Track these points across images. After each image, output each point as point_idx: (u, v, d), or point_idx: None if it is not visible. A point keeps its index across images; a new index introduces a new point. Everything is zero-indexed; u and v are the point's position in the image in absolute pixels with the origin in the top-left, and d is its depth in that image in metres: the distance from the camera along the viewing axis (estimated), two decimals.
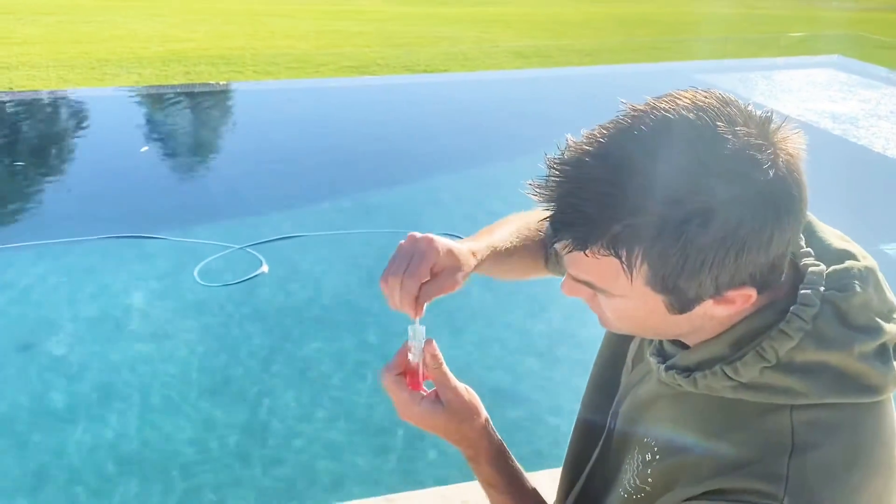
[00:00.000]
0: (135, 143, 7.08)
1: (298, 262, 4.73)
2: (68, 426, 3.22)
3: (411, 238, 0.95)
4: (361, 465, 3.04)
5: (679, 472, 0.86)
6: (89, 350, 3.76)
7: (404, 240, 0.95)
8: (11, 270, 4.58)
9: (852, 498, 0.78)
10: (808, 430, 0.78)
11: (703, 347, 0.86)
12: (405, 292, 0.91)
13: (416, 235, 0.95)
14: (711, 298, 0.78)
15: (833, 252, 0.86)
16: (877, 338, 0.80)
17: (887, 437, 0.82)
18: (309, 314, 4.18)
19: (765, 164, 0.71)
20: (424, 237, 0.94)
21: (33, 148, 7.30)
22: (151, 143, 7.40)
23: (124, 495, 2.85)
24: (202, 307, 4.18)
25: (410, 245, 0.94)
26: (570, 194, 0.74)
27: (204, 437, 3.18)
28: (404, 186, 6.15)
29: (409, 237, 0.95)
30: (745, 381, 0.81)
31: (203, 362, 3.70)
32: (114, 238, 4.91)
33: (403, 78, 9.78)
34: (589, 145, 0.75)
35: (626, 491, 0.96)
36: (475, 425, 0.98)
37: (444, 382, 0.97)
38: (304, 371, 3.66)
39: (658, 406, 0.94)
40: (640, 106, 0.75)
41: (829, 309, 0.80)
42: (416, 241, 0.94)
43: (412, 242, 0.94)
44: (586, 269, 0.79)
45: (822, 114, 8.13)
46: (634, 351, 1.06)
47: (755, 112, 0.75)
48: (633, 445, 0.97)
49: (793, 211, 0.74)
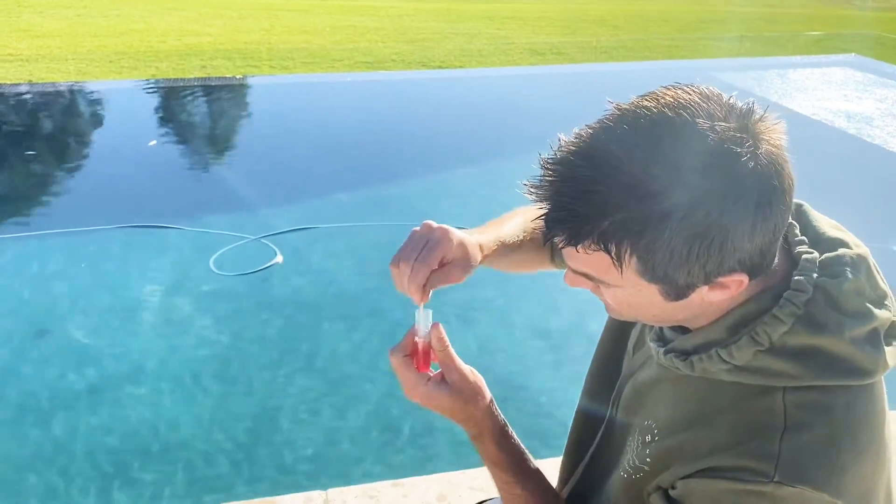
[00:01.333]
0: (152, 136, 7.16)
1: (312, 254, 4.77)
2: (83, 410, 3.27)
3: (427, 226, 0.96)
4: (371, 450, 3.08)
5: (676, 451, 0.88)
6: (106, 336, 3.82)
7: (419, 226, 0.97)
8: (29, 258, 4.65)
9: (841, 477, 0.80)
10: (800, 412, 0.81)
11: (700, 332, 0.89)
12: (414, 278, 0.93)
13: (432, 224, 0.97)
14: (704, 285, 0.80)
15: (826, 240, 0.89)
16: (867, 323, 0.83)
17: (877, 419, 0.84)
18: (322, 304, 4.23)
19: (744, 156, 0.74)
20: (440, 227, 0.96)
21: (52, 139, 7.39)
22: (168, 135, 7.47)
23: (132, 480, 2.90)
24: (218, 295, 4.24)
25: (425, 233, 0.96)
26: (559, 193, 0.77)
27: (217, 422, 3.23)
28: (418, 180, 6.18)
29: (424, 225, 0.97)
30: (739, 364, 0.84)
31: (219, 348, 3.76)
32: (131, 227, 4.98)
33: (418, 73, 9.81)
34: (576, 145, 0.78)
35: (625, 471, 0.99)
36: (479, 405, 1.00)
37: (450, 364, 0.99)
38: (316, 358, 3.70)
39: (658, 389, 0.97)
40: (624, 105, 0.78)
41: (821, 295, 0.83)
42: (431, 230, 0.96)
43: (427, 230, 0.96)
44: (581, 262, 0.83)
45: (837, 113, 8.10)
46: (636, 337, 1.09)
47: (737, 105, 0.77)
48: (633, 428, 1.00)
49: (774, 200, 0.76)
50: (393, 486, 2.37)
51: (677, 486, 0.86)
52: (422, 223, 0.98)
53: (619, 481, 1.00)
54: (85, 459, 3.00)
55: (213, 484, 2.89)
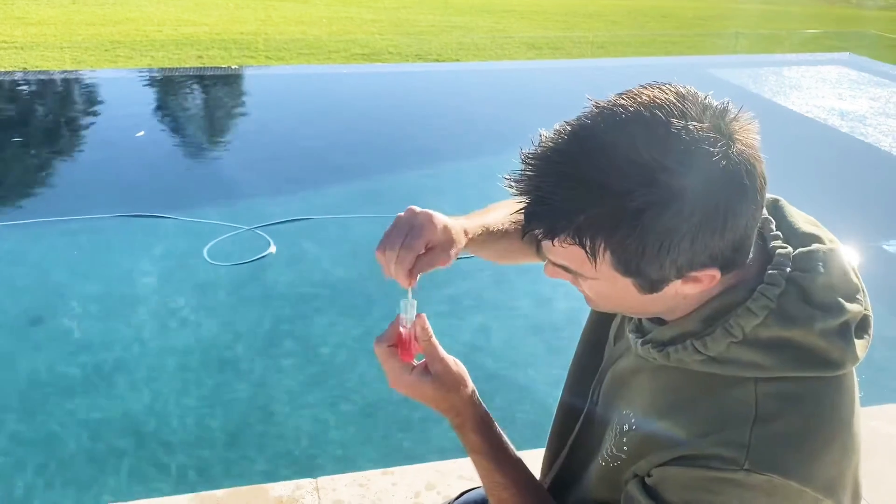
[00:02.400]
0: (147, 125, 7.15)
1: (306, 244, 4.79)
2: (77, 398, 3.29)
3: (410, 211, 0.98)
4: (359, 439, 3.11)
5: (652, 440, 0.91)
6: (100, 325, 3.83)
7: (402, 212, 0.99)
8: (24, 246, 4.66)
9: (810, 465, 0.82)
10: (771, 402, 0.83)
11: (676, 324, 0.91)
12: (400, 263, 0.94)
13: (416, 209, 0.98)
14: (677, 279, 0.83)
15: (801, 235, 0.91)
16: (839, 316, 0.85)
17: (846, 410, 0.87)
18: (315, 293, 4.24)
19: (715, 155, 0.76)
20: (424, 212, 0.98)
21: (46, 127, 7.38)
22: (163, 124, 7.46)
23: (123, 467, 2.92)
24: (212, 285, 4.26)
25: (409, 217, 0.97)
26: (537, 188, 0.80)
27: (209, 411, 3.25)
28: (411, 172, 6.19)
29: (408, 210, 0.98)
30: (713, 354, 0.87)
31: (213, 336, 3.78)
32: (124, 217, 4.98)
33: (415, 66, 9.81)
34: (554, 141, 0.80)
35: (604, 460, 1.01)
36: (462, 395, 1.03)
37: (434, 354, 1.01)
38: (309, 348, 3.73)
39: (636, 380, 1.00)
40: (602, 102, 0.81)
41: (793, 288, 0.85)
42: (415, 215, 0.97)
43: (411, 215, 0.97)
44: (559, 255, 0.86)
45: (831, 111, 8.12)
46: (616, 328, 1.12)
47: (712, 104, 0.80)
48: (612, 417, 1.03)
49: (745, 198, 0.79)
50: (382, 474, 2.40)
51: (653, 474, 0.89)
52: (406, 209, 0.99)
53: (598, 469, 1.03)
54: (77, 446, 3.01)
55: (204, 471, 2.91)
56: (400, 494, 2.31)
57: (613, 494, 0.98)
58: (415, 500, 2.28)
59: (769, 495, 0.81)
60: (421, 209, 0.98)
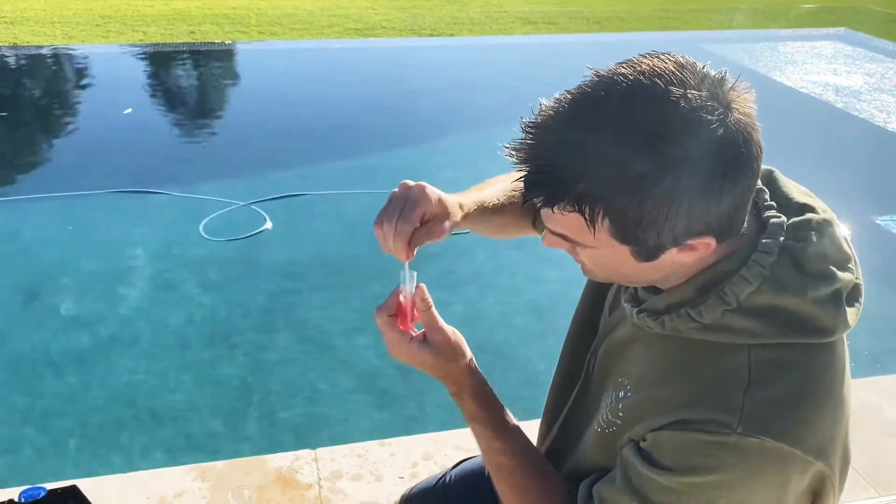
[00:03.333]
0: (138, 101, 7.11)
1: (301, 220, 4.79)
2: (72, 373, 3.31)
3: (404, 186, 0.99)
4: (358, 411, 3.14)
5: (647, 406, 0.93)
6: (97, 300, 3.84)
7: (397, 188, 1.00)
8: (18, 222, 4.65)
9: (802, 429, 0.84)
10: (764, 368, 0.85)
11: (671, 293, 0.93)
12: (398, 236, 0.95)
13: (409, 183, 0.99)
14: (673, 247, 0.84)
15: (795, 205, 0.93)
16: (831, 284, 0.87)
17: (837, 375, 0.89)
18: (311, 268, 4.26)
19: (713, 123, 0.77)
20: (417, 185, 0.99)
21: (38, 103, 7.32)
22: (156, 100, 7.42)
23: (122, 441, 2.94)
24: (208, 260, 4.26)
25: (403, 192, 0.98)
26: (537, 156, 0.81)
27: (205, 385, 3.27)
28: (406, 149, 6.18)
29: (402, 185, 0.99)
30: (707, 322, 0.88)
31: (211, 311, 3.80)
32: (119, 192, 4.97)
33: (409, 41, 9.74)
34: (555, 109, 0.81)
35: (599, 426, 1.03)
36: (460, 364, 1.05)
37: (432, 324, 1.03)
38: (305, 322, 3.75)
39: (631, 348, 1.02)
40: (602, 71, 0.81)
41: (786, 257, 0.87)
42: (409, 189, 0.98)
43: (405, 190, 0.98)
44: (558, 223, 0.87)
45: (826, 87, 8.11)
46: (612, 299, 1.13)
47: (710, 73, 0.80)
48: (608, 385, 1.05)
49: (741, 166, 0.80)
50: (380, 445, 2.43)
51: (647, 439, 0.91)
52: (400, 183, 1.00)
53: (594, 435, 1.05)
54: (76, 421, 3.04)
55: (203, 443, 2.94)
56: (398, 465, 2.34)
57: (609, 460, 1.00)
58: (412, 470, 2.31)
59: (761, 458, 0.83)
60: (414, 182, 0.99)
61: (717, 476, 0.85)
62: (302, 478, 2.27)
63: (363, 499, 2.21)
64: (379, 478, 2.29)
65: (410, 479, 2.24)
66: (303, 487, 2.24)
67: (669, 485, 0.87)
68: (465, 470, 1.50)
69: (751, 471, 0.84)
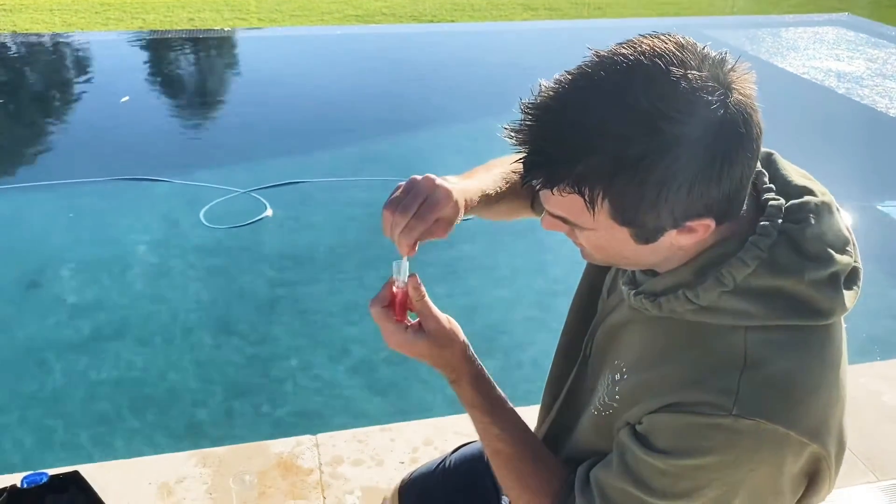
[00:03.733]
0: (139, 88, 7.09)
1: (301, 207, 4.79)
2: (75, 359, 3.32)
3: (430, 181, 0.96)
4: (357, 397, 3.16)
5: (643, 388, 0.93)
6: (99, 288, 3.85)
7: (420, 176, 0.97)
8: (19, 210, 4.65)
9: (797, 410, 0.84)
10: (760, 349, 0.85)
11: (669, 275, 0.92)
12: (408, 232, 0.94)
13: (436, 181, 0.97)
14: (673, 229, 0.84)
15: (793, 188, 0.92)
16: (828, 267, 0.87)
17: (833, 358, 0.89)
18: (312, 256, 4.27)
19: (714, 104, 0.76)
20: (443, 187, 0.96)
21: (38, 91, 7.31)
22: (155, 88, 7.40)
23: (124, 427, 2.96)
24: (209, 248, 4.27)
25: (428, 187, 0.96)
26: (537, 137, 0.80)
27: (208, 371, 3.29)
28: (406, 135, 6.16)
29: (427, 178, 0.96)
30: (704, 304, 0.88)
31: (210, 299, 3.81)
32: (119, 180, 4.97)
33: (409, 27, 9.70)
34: (554, 90, 0.81)
35: (596, 409, 1.03)
36: (455, 350, 1.05)
37: (427, 312, 1.03)
38: (305, 309, 3.76)
39: (628, 331, 1.02)
40: (602, 52, 0.81)
41: (784, 239, 0.87)
42: (435, 187, 0.96)
43: (431, 185, 0.96)
44: (557, 205, 0.86)
45: (828, 72, 8.08)
46: (610, 282, 1.13)
47: (710, 54, 0.80)
48: (605, 368, 1.05)
49: (741, 147, 0.80)
50: (381, 430, 2.44)
51: (643, 421, 0.91)
52: (424, 175, 0.97)
53: (591, 418, 1.05)
54: (78, 406, 3.05)
55: (205, 430, 2.96)
56: (398, 450, 2.35)
57: (606, 443, 1.00)
58: (412, 456, 2.32)
59: (756, 440, 0.83)
60: (441, 181, 0.97)
61: (713, 458, 0.85)
62: (303, 463, 2.29)
63: (364, 483, 2.22)
64: (380, 463, 2.30)
65: (411, 464, 2.25)
66: (304, 472, 2.25)
67: (665, 467, 0.88)
68: (465, 454, 1.50)
69: (746, 453, 0.84)
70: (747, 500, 0.88)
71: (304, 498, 2.16)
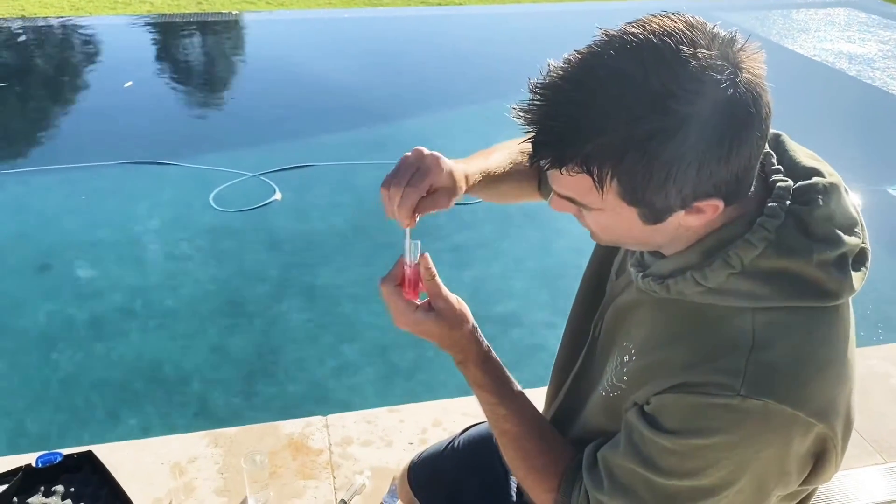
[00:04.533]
0: (146, 72, 7.09)
1: (311, 190, 4.80)
2: (87, 342, 3.35)
3: (418, 152, 0.98)
4: (366, 379, 3.19)
5: (651, 369, 0.93)
6: (109, 270, 3.88)
7: (410, 151, 0.99)
8: (30, 193, 4.68)
9: (804, 391, 0.85)
10: (767, 331, 0.86)
11: (676, 257, 0.93)
12: (404, 202, 0.95)
13: (424, 151, 0.98)
14: (681, 209, 0.84)
15: (801, 169, 0.92)
16: (836, 248, 0.87)
17: (841, 338, 0.89)
18: (321, 239, 4.28)
19: (723, 83, 0.76)
20: (431, 154, 0.98)
21: (48, 75, 7.32)
22: (164, 72, 7.40)
23: (138, 410, 3.00)
24: (219, 230, 4.30)
25: (416, 159, 0.98)
26: (546, 116, 0.80)
27: (216, 354, 3.32)
28: (414, 118, 6.16)
29: (415, 150, 0.98)
30: (712, 286, 0.88)
31: (221, 281, 3.84)
32: (129, 164, 4.99)
33: (419, 10, 9.65)
34: (563, 70, 0.80)
35: (604, 390, 1.04)
36: (464, 331, 1.05)
37: (437, 293, 1.03)
38: (315, 291, 3.79)
39: (637, 313, 1.02)
40: (612, 31, 0.81)
41: (792, 220, 0.87)
42: (423, 157, 0.98)
43: (418, 157, 0.98)
44: (565, 185, 0.86)
45: (839, 54, 8.01)
46: (618, 264, 1.13)
47: (720, 34, 0.80)
48: (613, 349, 1.05)
49: (751, 126, 0.79)
50: (389, 412, 2.46)
51: (651, 402, 0.91)
52: (413, 149, 0.99)
53: (599, 399, 1.06)
54: (91, 389, 3.09)
55: (217, 411, 2.99)
56: (407, 431, 2.37)
57: (613, 424, 1.01)
58: (421, 436, 2.34)
59: (763, 420, 0.84)
60: (429, 151, 0.99)
61: (720, 438, 0.85)
62: (313, 443, 2.31)
63: (373, 464, 2.24)
64: (389, 443, 2.32)
65: (419, 445, 2.27)
66: (314, 453, 2.27)
67: (673, 447, 0.88)
68: (473, 435, 1.52)
69: (753, 433, 0.85)
70: (754, 479, 0.88)
71: (315, 478, 2.19)
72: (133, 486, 2.05)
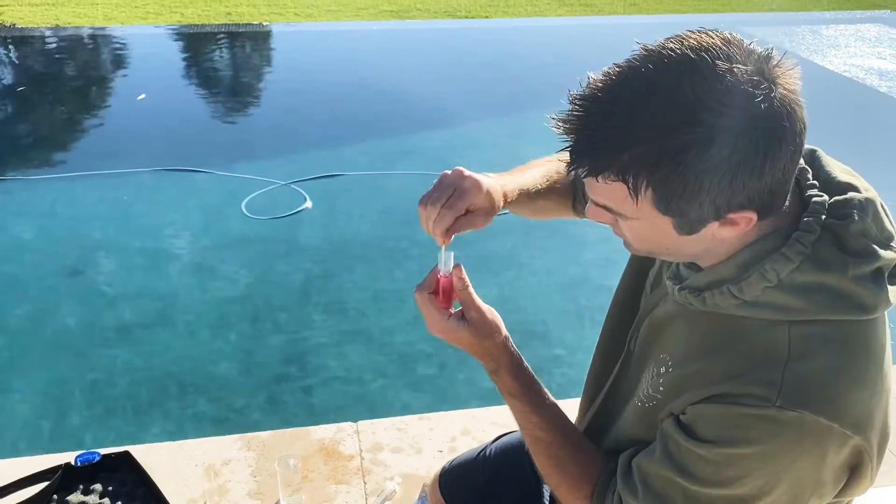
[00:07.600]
0: (176, 82, 7.20)
1: (339, 199, 4.85)
2: (118, 348, 3.41)
3: (458, 172, 1.02)
4: (396, 386, 3.22)
5: (688, 380, 0.95)
6: (142, 276, 3.95)
7: (450, 170, 1.02)
8: (64, 199, 4.77)
9: (840, 403, 0.86)
10: (803, 343, 0.87)
11: (713, 270, 0.94)
12: (440, 222, 0.99)
13: (464, 172, 1.02)
14: (715, 220, 0.86)
15: (837, 184, 0.93)
16: (872, 262, 0.88)
17: (876, 352, 0.90)
18: (351, 247, 4.33)
19: (758, 97, 0.79)
20: (471, 177, 1.02)
21: (79, 83, 7.46)
22: (194, 81, 7.51)
23: (168, 414, 3.05)
24: (251, 238, 4.36)
25: (457, 178, 1.01)
26: (584, 126, 0.83)
27: (246, 360, 3.36)
28: (442, 130, 6.19)
29: (456, 170, 1.02)
30: (748, 299, 0.90)
31: (253, 287, 3.90)
32: (162, 171, 5.08)
33: (444, 23, 9.72)
34: (603, 82, 0.83)
35: (640, 400, 1.05)
36: (496, 341, 1.08)
37: (470, 302, 1.06)
38: (345, 300, 3.83)
39: (673, 325, 1.04)
40: (651, 46, 0.83)
41: (828, 235, 0.88)
42: (463, 178, 1.01)
43: (458, 177, 1.01)
44: (602, 194, 0.89)
45: (869, 70, 7.95)
46: (653, 277, 1.15)
47: (756, 50, 0.82)
48: (649, 361, 1.07)
49: (785, 141, 0.81)
50: (420, 419, 2.48)
51: (687, 412, 0.93)
52: (454, 168, 1.02)
53: (634, 410, 1.07)
54: (122, 394, 3.14)
55: (249, 416, 3.03)
56: (437, 438, 2.40)
57: (648, 434, 1.02)
58: (451, 445, 2.37)
59: (799, 431, 0.85)
60: (469, 172, 1.02)
61: (756, 448, 0.87)
62: (344, 449, 2.34)
63: (404, 470, 2.27)
64: (419, 451, 2.35)
65: (449, 453, 2.29)
66: (345, 458, 2.31)
67: (709, 456, 0.90)
68: (506, 444, 1.53)
69: (789, 444, 0.86)
70: (789, 490, 0.89)
71: (346, 483, 2.22)
72: (168, 487, 2.10)
